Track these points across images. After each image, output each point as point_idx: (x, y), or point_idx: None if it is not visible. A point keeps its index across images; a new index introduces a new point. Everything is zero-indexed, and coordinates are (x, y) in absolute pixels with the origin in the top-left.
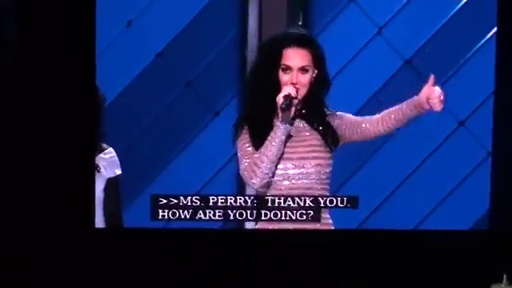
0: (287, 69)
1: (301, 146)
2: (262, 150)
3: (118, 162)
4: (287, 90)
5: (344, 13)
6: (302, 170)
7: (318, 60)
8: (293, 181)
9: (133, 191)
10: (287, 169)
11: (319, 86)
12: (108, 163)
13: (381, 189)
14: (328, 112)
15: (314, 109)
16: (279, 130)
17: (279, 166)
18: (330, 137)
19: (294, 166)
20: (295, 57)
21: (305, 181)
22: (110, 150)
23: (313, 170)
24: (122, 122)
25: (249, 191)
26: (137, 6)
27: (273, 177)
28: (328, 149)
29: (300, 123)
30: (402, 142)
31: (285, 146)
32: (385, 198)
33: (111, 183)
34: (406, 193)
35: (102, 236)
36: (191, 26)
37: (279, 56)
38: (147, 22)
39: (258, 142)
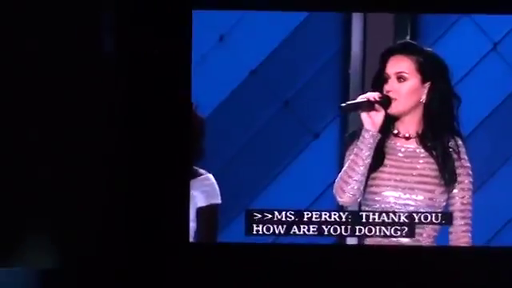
0: (388, 78)
1: (410, 175)
2: (351, 163)
3: (216, 190)
4: (368, 94)
5: (456, 27)
6: (408, 201)
7: (427, 70)
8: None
9: (228, 214)
10: (393, 197)
11: (436, 102)
12: (202, 191)
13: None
14: (455, 142)
15: (432, 130)
16: (364, 138)
17: (384, 193)
18: (448, 172)
19: (400, 195)
20: (393, 64)
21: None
22: (207, 176)
23: (421, 203)
24: (214, 142)
25: None
26: (230, 19)
27: (363, 193)
28: (443, 182)
29: (416, 148)
30: None
31: (393, 173)
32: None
33: (203, 213)
34: None
35: (196, 251)
36: (288, 41)
37: (383, 67)
38: (241, 36)
39: None
